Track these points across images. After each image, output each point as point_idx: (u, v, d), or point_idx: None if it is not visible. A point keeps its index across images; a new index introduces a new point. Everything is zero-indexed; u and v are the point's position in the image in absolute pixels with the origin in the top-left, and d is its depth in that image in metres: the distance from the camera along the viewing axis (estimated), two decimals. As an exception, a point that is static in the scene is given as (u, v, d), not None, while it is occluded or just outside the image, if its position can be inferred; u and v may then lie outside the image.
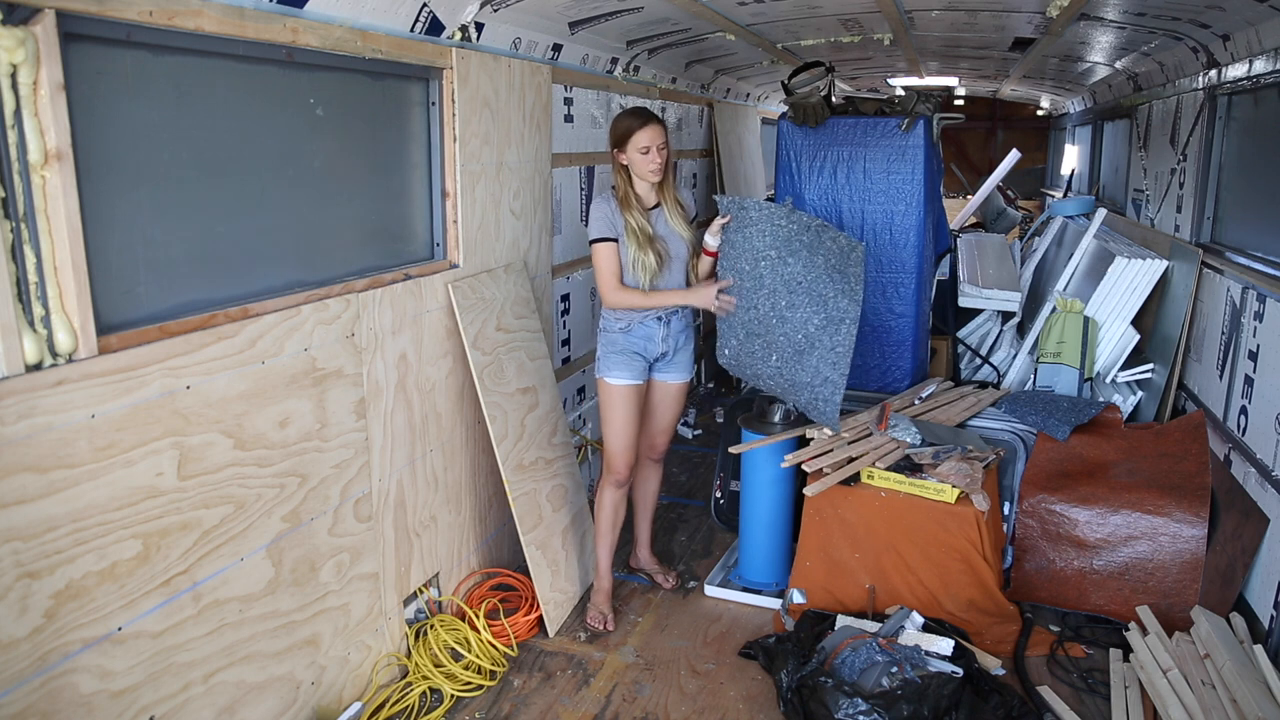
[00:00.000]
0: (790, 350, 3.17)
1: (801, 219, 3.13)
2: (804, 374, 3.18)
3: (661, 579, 3.62)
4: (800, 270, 3.10)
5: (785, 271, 3.10)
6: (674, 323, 3.24)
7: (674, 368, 3.32)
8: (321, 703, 2.61)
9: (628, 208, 3.10)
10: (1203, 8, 3.50)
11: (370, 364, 2.74)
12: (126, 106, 1.98)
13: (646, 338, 3.20)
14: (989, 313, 5.12)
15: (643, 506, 3.61)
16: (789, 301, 3.11)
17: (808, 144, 4.18)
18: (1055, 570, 3.41)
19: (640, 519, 3.64)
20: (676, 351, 3.29)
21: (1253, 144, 3.92)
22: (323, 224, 2.66)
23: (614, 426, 3.23)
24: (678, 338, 3.27)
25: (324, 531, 2.58)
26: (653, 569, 3.65)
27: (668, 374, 3.32)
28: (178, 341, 2.06)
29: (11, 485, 1.72)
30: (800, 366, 3.17)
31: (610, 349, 3.21)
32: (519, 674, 3.05)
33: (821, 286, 3.11)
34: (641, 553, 3.67)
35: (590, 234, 3.12)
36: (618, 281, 3.12)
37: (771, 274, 3.11)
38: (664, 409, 3.39)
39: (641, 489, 3.57)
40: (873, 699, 2.56)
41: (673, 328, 3.24)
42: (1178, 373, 4.13)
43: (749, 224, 3.12)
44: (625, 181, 3.13)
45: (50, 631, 1.81)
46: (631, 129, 3.05)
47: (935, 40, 5.16)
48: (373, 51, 2.62)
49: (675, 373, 3.33)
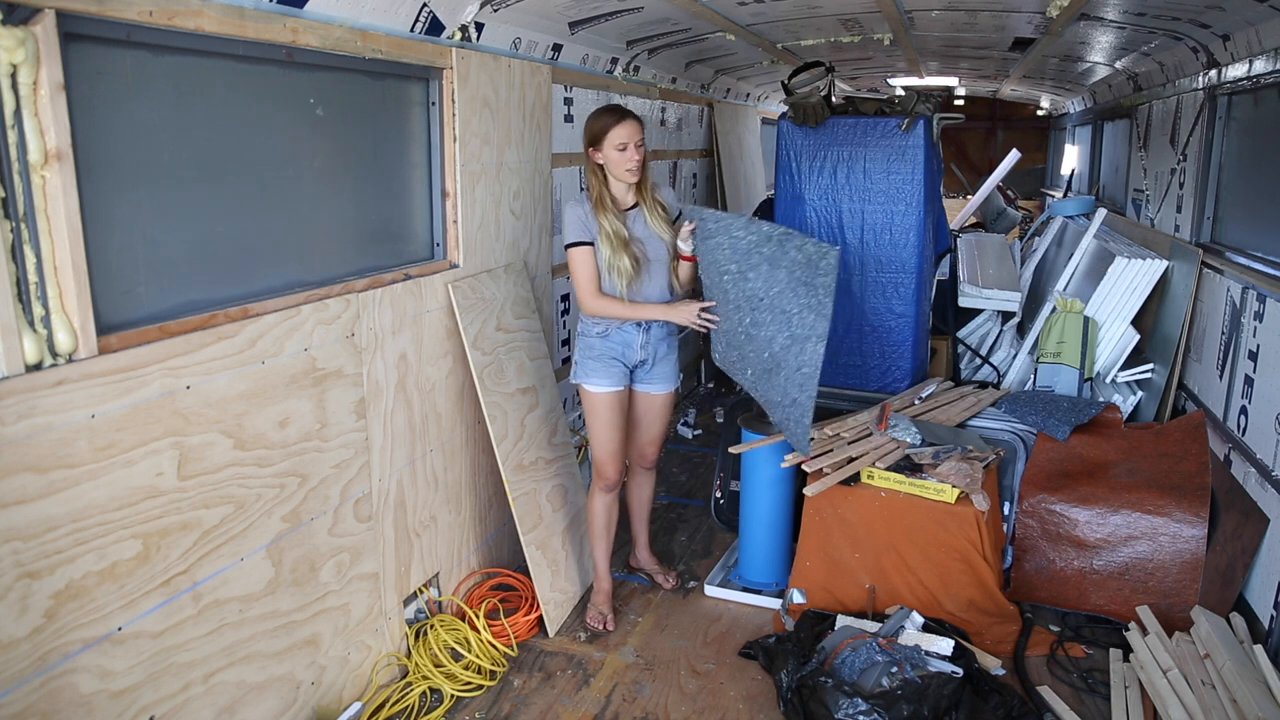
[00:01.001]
0: (760, 368, 3.06)
1: (761, 230, 2.93)
2: (774, 393, 3.07)
3: (661, 579, 3.61)
4: (761, 286, 2.93)
5: (746, 287, 2.95)
6: (654, 330, 3.15)
7: (656, 378, 3.24)
8: (321, 703, 2.61)
9: (602, 209, 2.99)
10: (1203, 8, 3.50)
11: (370, 364, 2.74)
12: (126, 106, 1.98)
13: (625, 344, 3.12)
14: (989, 313, 5.12)
15: (638, 511, 3.59)
16: (753, 319, 2.98)
17: (808, 144, 4.18)
18: (1055, 570, 3.41)
19: (637, 522, 3.62)
20: (657, 361, 3.21)
21: (1253, 144, 3.92)
22: (323, 224, 2.66)
23: (598, 434, 3.18)
24: (658, 346, 3.19)
25: (324, 531, 2.58)
26: (653, 569, 3.65)
27: (650, 385, 3.25)
28: (178, 341, 2.07)
29: (11, 485, 1.72)
30: (770, 385, 3.06)
31: (588, 354, 3.14)
32: (519, 674, 3.05)
33: (785, 302, 2.91)
34: (641, 553, 3.67)
35: (565, 238, 3.03)
36: (595, 287, 3.03)
37: (735, 289, 2.97)
38: (649, 421, 3.32)
39: (636, 495, 3.55)
40: (873, 699, 2.56)
41: (652, 335, 3.15)
42: (1178, 373, 4.13)
43: (709, 235, 2.98)
44: (600, 182, 3.02)
45: (50, 631, 1.81)
46: (607, 126, 2.94)
47: (935, 40, 5.16)
48: (373, 51, 2.62)
49: (658, 384, 3.25)
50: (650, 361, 3.20)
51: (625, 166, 2.97)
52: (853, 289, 4.20)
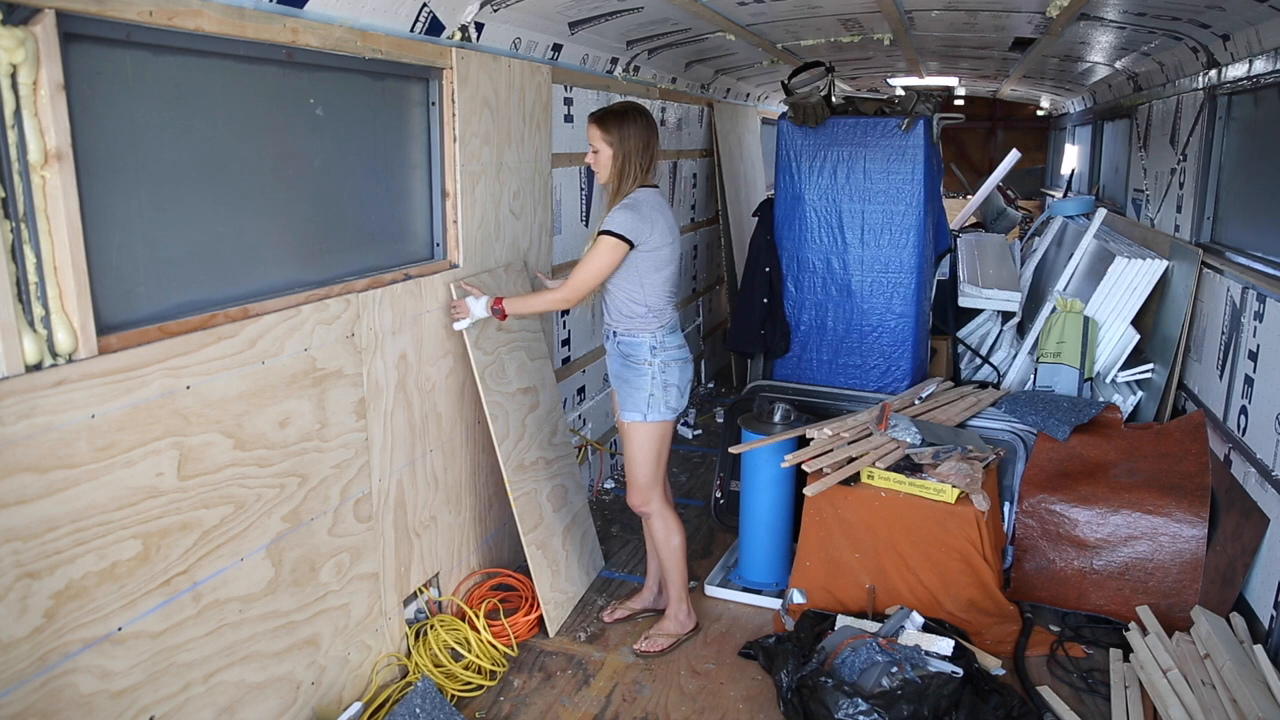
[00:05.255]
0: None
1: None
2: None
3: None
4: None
5: None
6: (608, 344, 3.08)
7: (617, 396, 3.09)
8: (321, 703, 2.61)
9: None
10: (1203, 8, 3.50)
11: (370, 364, 2.74)
12: (126, 106, 1.98)
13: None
14: (989, 313, 5.12)
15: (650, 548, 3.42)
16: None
17: (808, 144, 4.18)
18: (1055, 570, 3.41)
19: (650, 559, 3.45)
20: (611, 376, 3.10)
21: (1253, 144, 3.92)
22: (323, 224, 2.66)
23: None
24: (609, 356, 3.08)
25: (324, 531, 2.58)
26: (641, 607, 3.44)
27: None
28: (178, 341, 2.06)
29: (11, 485, 1.71)
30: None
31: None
32: (519, 674, 3.05)
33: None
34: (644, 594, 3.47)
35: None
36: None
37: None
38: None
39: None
40: (873, 699, 2.56)
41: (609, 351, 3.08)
42: (1178, 373, 4.13)
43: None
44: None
45: (50, 631, 1.81)
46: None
47: (935, 40, 5.16)
48: (373, 51, 2.62)
49: (620, 408, 3.07)
50: (610, 374, 3.11)
51: (586, 159, 2.98)
52: (853, 289, 4.21)
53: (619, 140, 2.87)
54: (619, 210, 2.86)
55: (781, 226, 4.30)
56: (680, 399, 3.04)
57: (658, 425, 3.02)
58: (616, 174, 2.91)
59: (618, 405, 3.07)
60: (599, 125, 2.89)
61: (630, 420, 3.01)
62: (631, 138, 2.88)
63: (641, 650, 3.14)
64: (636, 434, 3.02)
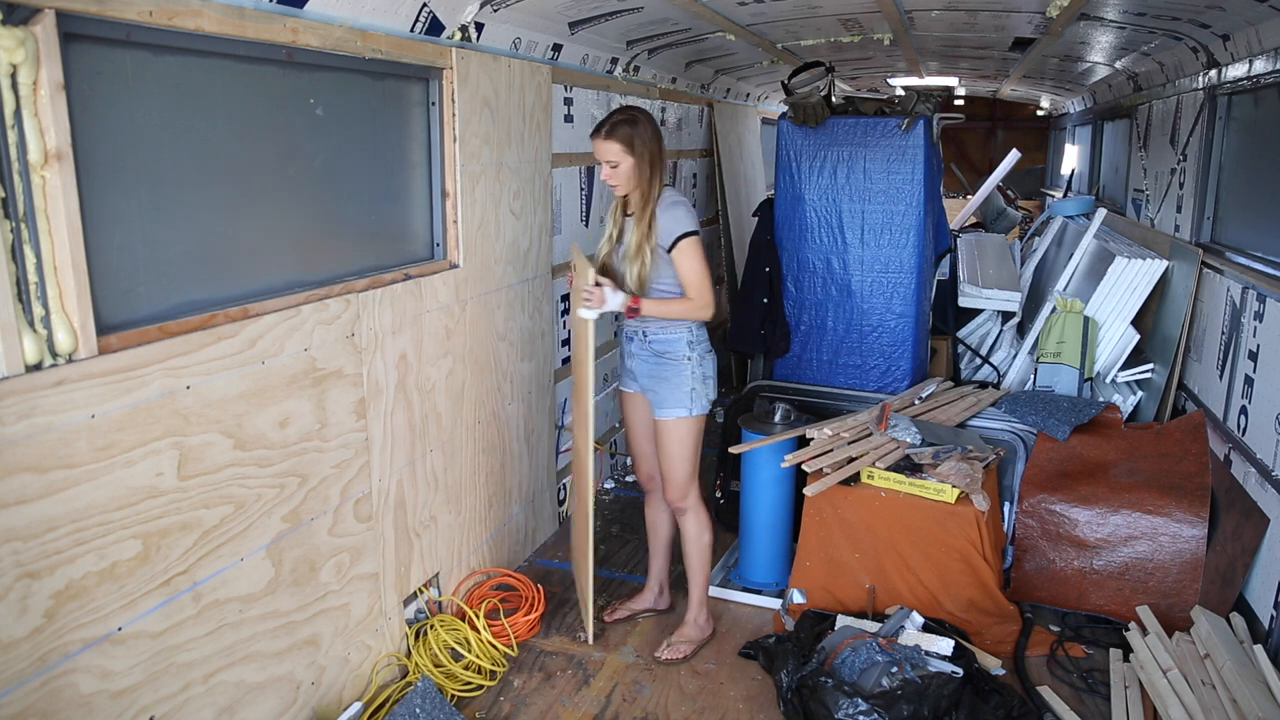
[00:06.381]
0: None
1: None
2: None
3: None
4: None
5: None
6: (634, 343, 3.06)
7: (649, 396, 3.09)
8: (321, 703, 2.61)
9: (617, 207, 3.01)
10: (1203, 8, 3.50)
11: (370, 364, 2.74)
12: (126, 106, 1.98)
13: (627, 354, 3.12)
14: (989, 313, 5.12)
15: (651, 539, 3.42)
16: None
17: (808, 144, 4.18)
18: (1055, 570, 3.41)
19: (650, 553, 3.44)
20: (640, 375, 3.09)
21: (1253, 144, 3.92)
22: (323, 224, 2.66)
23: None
24: (636, 357, 3.08)
25: (324, 531, 2.58)
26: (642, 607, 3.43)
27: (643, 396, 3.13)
28: (178, 341, 2.06)
29: (11, 485, 1.71)
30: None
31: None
32: (519, 674, 3.05)
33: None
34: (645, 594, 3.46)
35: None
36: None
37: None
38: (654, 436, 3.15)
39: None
40: (873, 699, 2.56)
41: (633, 346, 3.07)
42: (1178, 373, 4.13)
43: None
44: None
45: (50, 631, 1.81)
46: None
47: (935, 40, 5.16)
48: (373, 51, 2.62)
49: (656, 407, 3.07)
50: (635, 375, 3.10)
51: (603, 177, 2.94)
52: (853, 289, 4.20)
53: (637, 147, 2.83)
54: (674, 209, 2.87)
55: (781, 226, 4.30)
56: (715, 389, 3.09)
57: (699, 419, 3.07)
58: (645, 180, 2.87)
59: (653, 405, 3.05)
60: (613, 139, 2.83)
61: (674, 417, 3.01)
62: (647, 141, 2.85)
63: (665, 659, 3.12)
64: (679, 430, 3.04)
